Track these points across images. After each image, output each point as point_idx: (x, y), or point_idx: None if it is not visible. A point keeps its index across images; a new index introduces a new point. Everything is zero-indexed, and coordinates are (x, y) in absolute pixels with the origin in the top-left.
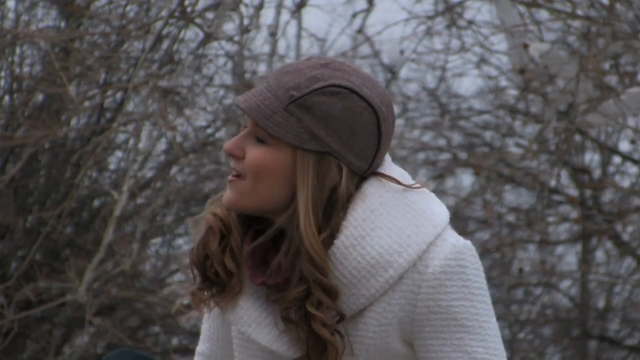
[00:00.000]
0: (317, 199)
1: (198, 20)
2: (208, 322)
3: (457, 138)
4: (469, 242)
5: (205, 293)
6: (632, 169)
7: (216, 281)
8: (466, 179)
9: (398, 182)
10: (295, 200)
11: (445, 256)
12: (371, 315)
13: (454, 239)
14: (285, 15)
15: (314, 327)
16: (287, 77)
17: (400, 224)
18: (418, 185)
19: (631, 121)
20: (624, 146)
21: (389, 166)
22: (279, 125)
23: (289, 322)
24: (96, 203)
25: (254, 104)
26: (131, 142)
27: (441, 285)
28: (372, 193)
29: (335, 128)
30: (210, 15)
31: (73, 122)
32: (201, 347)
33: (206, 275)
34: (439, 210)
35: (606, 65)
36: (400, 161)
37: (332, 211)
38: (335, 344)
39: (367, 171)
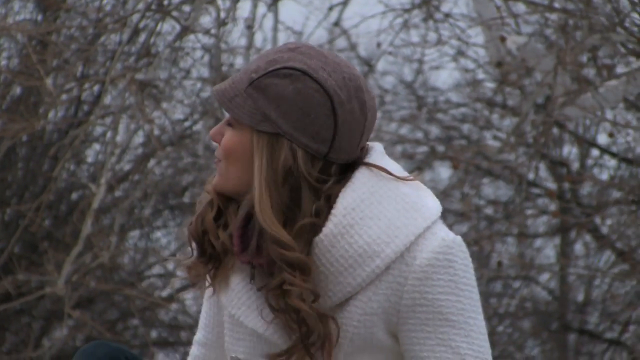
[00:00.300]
0: (270, 180)
1: (175, 13)
2: (205, 309)
3: (434, 131)
4: (459, 238)
5: (202, 268)
6: (611, 162)
7: (213, 255)
8: (444, 172)
9: (389, 173)
10: (253, 180)
11: (434, 249)
12: (356, 304)
13: (444, 233)
14: (262, 8)
15: (293, 303)
16: (254, 61)
17: (390, 214)
18: (411, 177)
19: (609, 114)
20: (602, 139)
21: (381, 157)
22: (238, 107)
23: (277, 311)
24: (74, 196)
25: (222, 88)
26: (109, 135)
27: (428, 278)
28: (364, 182)
29: (286, 110)
30: (187, 8)
31: (51, 115)
32: (198, 335)
33: (203, 248)
34: (431, 204)
35: (584, 58)
36: None
37: (297, 195)
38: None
39: (329, 155)
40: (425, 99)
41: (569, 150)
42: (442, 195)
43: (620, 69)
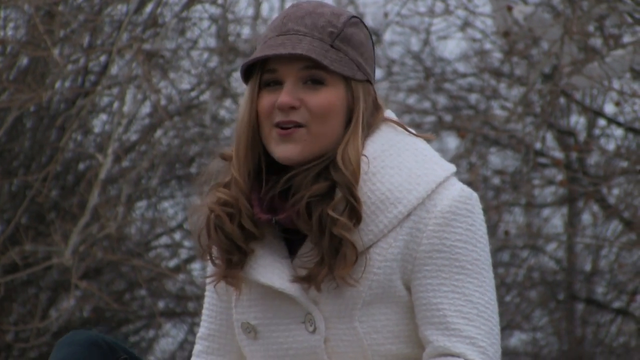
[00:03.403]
0: (360, 127)
1: None
2: (207, 300)
3: (442, 101)
4: (475, 194)
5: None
6: (617, 131)
7: (242, 251)
8: (451, 142)
9: (407, 129)
10: (349, 131)
11: (454, 197)
12: (377, 251)
13: (462, 185)
14: None
15: (335, 231)
16: (309, 19)
17: (410, 164)
18: (427, 135)
19: (616, 84)
20: (609, 109)
21: (393, 116)
22: (335, 62)
23: (318, 242)
24: (81, 166)
25: (307, 48)
26: (115, 105)
27: (447, 225)
28: (383, 135)
29: (367, 56)
30: None
31: (57, 85)
32: (200, 330)
33: (229, 252)
34: (445, 161)
35: (591, 28)
36: None
37: None
38: (354, 245)
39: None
40: (432, 69)
41: (576, 120)
42: None
43: (626, 39)
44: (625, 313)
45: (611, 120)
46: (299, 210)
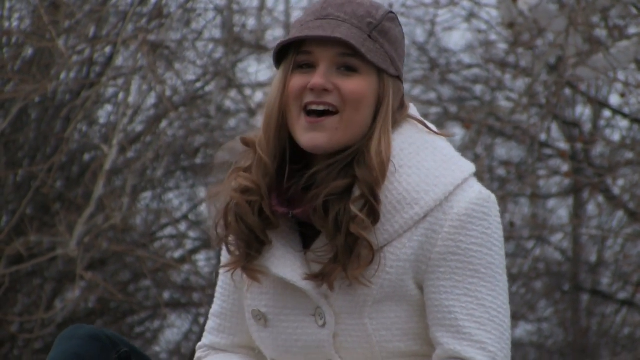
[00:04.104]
0: (389, 123)
1: None
2: (222, 279)
3: (447, 92)
4: (494, 195)
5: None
6: (623, 122)
7: (260, 241)
8: (456, 133)
9: (427, 127)
10: (378, 126)
11: (472, 200)
12: (391, 251)
13: (480, 187)
14: None
15: (352, 229)
16: (349, 7)
17: (429, 164)
18: (447, 134)
19: (621, 75)
20: (614, 100)
21: (415, 113)
22: (371, 52)
23: (333, 239)
24: (86, 157)
25: (346, 33)
26: (121, 96)
27: (463, 228)
28: (403, 133)
29: (400, 53)
30: None
31: (62, 76)
32: (214, 307)
33: (249, 243)
34: (464, 161)
35: (595, 19)
36: None
37: None
38: (371, 244)
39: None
40: (437, 60)
41: (581, 111)
42: None
43: (631, 30)
44: (631, 304)
45: (616, 112)
46: (316, 207)
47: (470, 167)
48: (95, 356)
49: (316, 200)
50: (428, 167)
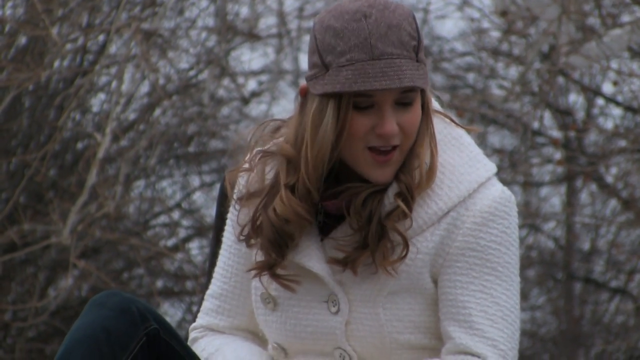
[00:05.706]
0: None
1: None
2: (223, 259)
3: (439, 80)
4: (514, 197)
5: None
6: (616, 110)
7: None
8: None
9: (453, 121)
10: (425, 138)
11: (494, 198)
12: (414, 244)
13: (502, 187)
14: None
15: (388, 224)
16: (393, 35)
17: (454, 161)
18: (473, 128)
19: (614, 63)
20: (607, 88)
21: (437, 106)
22: (422, 78)
23: (359, 228)
24: (79, 145)
25: (410, 76)
26: (114, 84)
27: (484, 225)
28: None
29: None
30: None
31: (56, 64)
32: (212, 288)
33: (281, 244)
34: (488, 160)
35: (588, 7)
36: None
37: None
38: (407, 241)
39: None
40: (430, 48)
41: (574, 99)
42: None
43: (624, 18)
44: (624, 292)
45: (609, 100)
46: (352, 200)
47: (493, 167)
48: (123, 333)
49: (356, 198)
50: (454, 164)
